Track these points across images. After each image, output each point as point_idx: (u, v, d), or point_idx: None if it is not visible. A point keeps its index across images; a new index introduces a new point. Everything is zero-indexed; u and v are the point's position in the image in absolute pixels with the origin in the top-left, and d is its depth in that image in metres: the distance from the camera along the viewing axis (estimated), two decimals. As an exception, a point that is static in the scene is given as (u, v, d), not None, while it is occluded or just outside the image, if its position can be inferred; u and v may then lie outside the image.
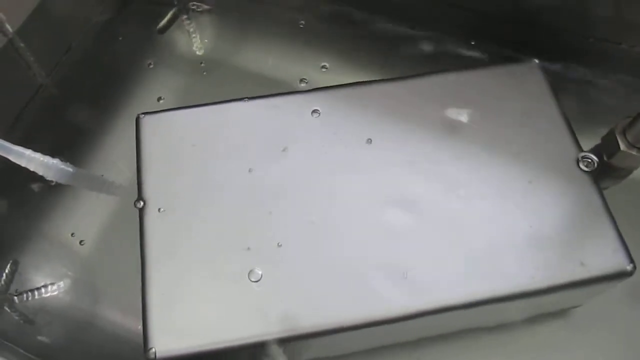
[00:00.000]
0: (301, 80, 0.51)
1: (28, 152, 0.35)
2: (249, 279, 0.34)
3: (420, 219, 0.36)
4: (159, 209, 0.36)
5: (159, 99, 0.39)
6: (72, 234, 0.44)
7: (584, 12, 0.48)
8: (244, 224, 0.36)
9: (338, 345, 0.37)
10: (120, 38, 0.55)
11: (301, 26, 0.55)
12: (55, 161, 0.35)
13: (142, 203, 0.37)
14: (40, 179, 0.40)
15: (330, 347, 0.38)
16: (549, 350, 0.41)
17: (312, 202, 0.36)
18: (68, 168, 0.36)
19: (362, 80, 0.41)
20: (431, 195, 0.37)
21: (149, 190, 0.37)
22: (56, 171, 0.35)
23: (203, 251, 0.35)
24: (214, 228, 0.36)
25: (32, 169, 0.34)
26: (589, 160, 0.37)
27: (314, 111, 0.40)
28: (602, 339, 0.41)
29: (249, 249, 0.35)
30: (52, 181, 0.40)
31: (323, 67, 0.52)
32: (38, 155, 0.35)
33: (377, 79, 0.42)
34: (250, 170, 0.38)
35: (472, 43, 0.52)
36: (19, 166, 0.40)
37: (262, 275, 0.34)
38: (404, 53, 0.52)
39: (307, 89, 0.41)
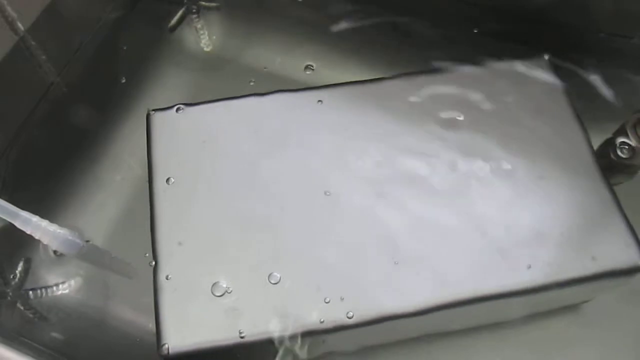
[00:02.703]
0: (306, 67, 0.51)
1: (35, 219, 0.32)
2: (262, 274, 0.34)
3: (429, 215, 0.36)
4: (170, 205, 0.36)
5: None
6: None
7: (593, 6, 0.48)
8: (257, 220, 0.36)
9: (349, 341, 0.37)
10: (130, 36, 0.55)
11: (309, 22, 0.55)
12: (62, 231, 0.33)
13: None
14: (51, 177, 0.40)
15: (340, 343, 0.38)
16: (558, 346, 0.41)
17: (323, 197, 0.36)
18: (77, 240, 0.33)
19: (369, 77, 0.41)
20: (442, 191, 0.37)
21: (159, 187, 0.37)
22: (62, 242, 0.33)
23: (216, 246, 0.35)
24: (226, 224, 0.36)
25: (37, 237, 0.32)
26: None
27: (319, 101, 0.40)
28: (612, 334, 0.41)
29: (261, 244, 0.35)
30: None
31: (331, 63, 0.52)
32: (45, 224, 0.32)
33: (385, 76, 0.41)
34: (261, 166, 0.38)
35: (481, 39, 0.51)
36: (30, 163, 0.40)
37: (276, 271, 0.34)
38: (412, 49, 0.52)
39: (316, 85, 0.41)
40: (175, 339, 0.32)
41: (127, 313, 0.41)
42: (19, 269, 0.42)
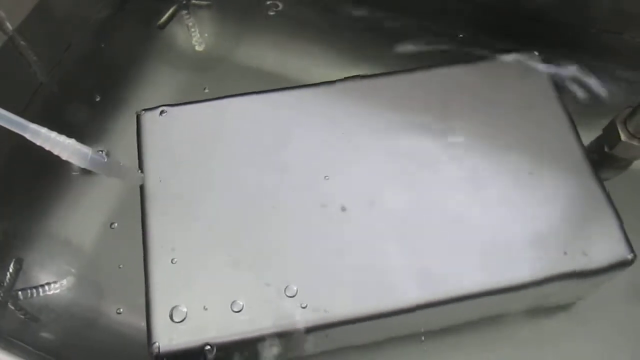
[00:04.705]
0: (299, 65, 0.51)
1: (44, 130, 0.33)
2: (253, 272, 0.34)
3: (421, 211, 0.36)
4: (161, 205, 0.36)
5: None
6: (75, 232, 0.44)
7: (585, 2, 0.48)
8: (248, 219, 0.36)
9: (345, 337, 0.37)
10: (121, 35, 0.54)
11: (301, 21, 0.55)
12: (70, 141, 0.34)
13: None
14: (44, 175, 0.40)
15: (336, 340, 0.38)
16: (551, 343, 0.41)
17: (316, 197, 0.36)
18: (84, 149, 0.35)
19: (362, 74, 0.41)
20: (434, 188, 0.37)
21: (150, 187, 0.37)
22: (72, 152, 0.34)
23: (206, 246, 0.35)
24: (217, 223, 0.36)
25: (47, 148, 0.33)
26: None
27: (311, 100, 0.40)
28: (605, 332, 0.41)
29: (252, 244, 0.35)
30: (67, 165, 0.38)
31: (324, 61, 0.52)
32: (54, 135, 0.34)
33: (377, 72, 0.41)
34: (252, 165, 0.38)
35: (472, 35, 0.52)
36: (21, 165, 0.40)
37: (266, 269, 0.34)
38: (405, 46, 0.52)
39: (307, 83, 0.41)
40: (165, 337, 0.32)
41: (119, 312, 0.41)
42: (10, 269, 0.42)
